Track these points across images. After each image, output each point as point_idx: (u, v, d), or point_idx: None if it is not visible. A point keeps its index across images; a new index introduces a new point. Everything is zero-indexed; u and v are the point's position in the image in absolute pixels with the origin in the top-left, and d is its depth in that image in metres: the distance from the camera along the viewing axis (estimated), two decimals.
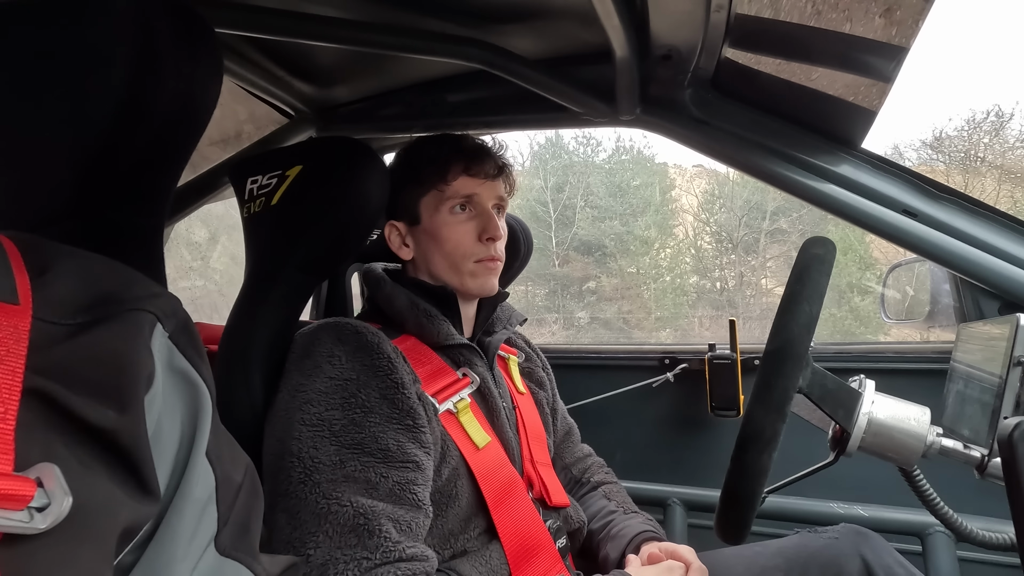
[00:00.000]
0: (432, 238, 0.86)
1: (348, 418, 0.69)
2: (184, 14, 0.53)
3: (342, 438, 0.67)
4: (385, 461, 0.67)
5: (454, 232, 0.85)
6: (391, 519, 0.64)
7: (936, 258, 0.90)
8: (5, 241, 0.34)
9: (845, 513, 1.16)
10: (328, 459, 0.66)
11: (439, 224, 0.85)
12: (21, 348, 0.29)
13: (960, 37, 21.81)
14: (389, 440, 0.68)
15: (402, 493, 0.66)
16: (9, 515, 0.26)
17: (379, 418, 0.69)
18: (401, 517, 0.65)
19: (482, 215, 0.86)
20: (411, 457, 0.69)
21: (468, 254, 0.85)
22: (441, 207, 0.85)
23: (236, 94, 1.12)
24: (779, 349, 0.60)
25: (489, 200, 0.87)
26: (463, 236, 0.85)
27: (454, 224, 0.85)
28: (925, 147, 11.78)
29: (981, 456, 0.61)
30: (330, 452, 0.66)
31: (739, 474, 0.60)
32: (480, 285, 0.86)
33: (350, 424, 0.68)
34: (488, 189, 0.86)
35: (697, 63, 0.91)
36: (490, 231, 0.84)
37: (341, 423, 0.68)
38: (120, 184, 0.53)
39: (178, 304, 0.39)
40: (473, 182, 0.85)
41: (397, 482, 0.67)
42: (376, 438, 0.68)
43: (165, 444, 0.36)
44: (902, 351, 1.24)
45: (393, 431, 0.69)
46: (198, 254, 4.75)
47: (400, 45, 0.90)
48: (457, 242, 0.85)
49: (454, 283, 0.86)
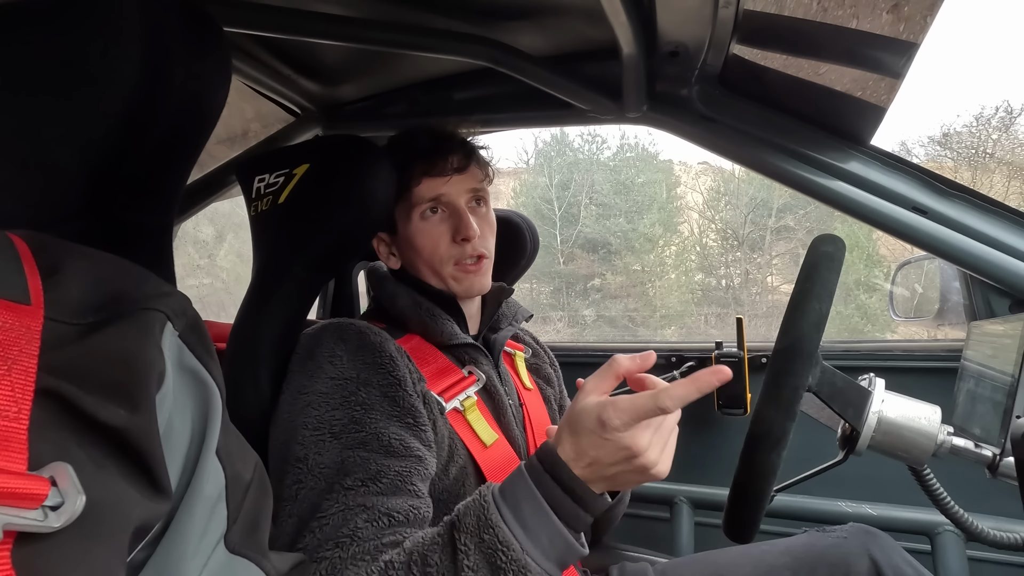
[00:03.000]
0: (410, 246, 0.84)
1: (349, 417, 0.68)
2: (193, 13, 0.53)
3: (343, 438, 0.67)
4: (387, 455, 0.67)
5: (428, 238, 0.83)
6: (393, 510, 0.63)
7: (946, 255, 0.89)
8: (17, 241, 0.34)
9: (853, 512, 1.16)
10: (331, 461, 0.65)
11: (413, 232, 0.83)
12: (33, 348, 0.29)
13: (969, 32, 21.60)
14: (391, 436, 0.68)
15: (403, 485, 0.65)
16: (24, 514, 0.26)
17: (379, 415, 0.69)
18: (399, 507, 0.64)
19: (454, 215, 0.83)
20: (413, 452, 0.68)
21: (445, 258, 0.83)
22: (412, 214, 0.83)
23: (243, 92, 1.12)
24: (789, 347, 0.60)
25: (460, 196, 0.83)
26: (437, 240, 0.82)
27: (426, 229, 0.83)
28: (933, 143, 11.70)
29: (993, 455, 0.61)
30: (333, 454, 0.66)
31: (748, 473, 0.60)
32: (466, 288, 0.84)
33: (351, 423, 0.68)
34: (455, 185, 0.83)
35: (704, 60, 0.90)
36: (463, 231, 0.81)
37: (342, 423, 0.68)
38: (130, 183, 0.54)
39: (188, 303, 0.39)
40: (436, 182, 0.82)
41: (398, 472, 0.66)
42: (378, 436, 0.67)
43: (176, 442, 0.36)
44: (911, 349, 1.23)
45: (395, 427, 0.69)
46: (205, 252, 4.78)
47: (406, 43, 0.90)
48: (432, 247, 0.83)
49: (442, 288, 0.85)
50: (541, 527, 0.55)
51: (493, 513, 0.55)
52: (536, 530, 0.55)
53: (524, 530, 0.54)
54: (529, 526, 0.55)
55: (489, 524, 0.54)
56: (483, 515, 0.55)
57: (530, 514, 0.55)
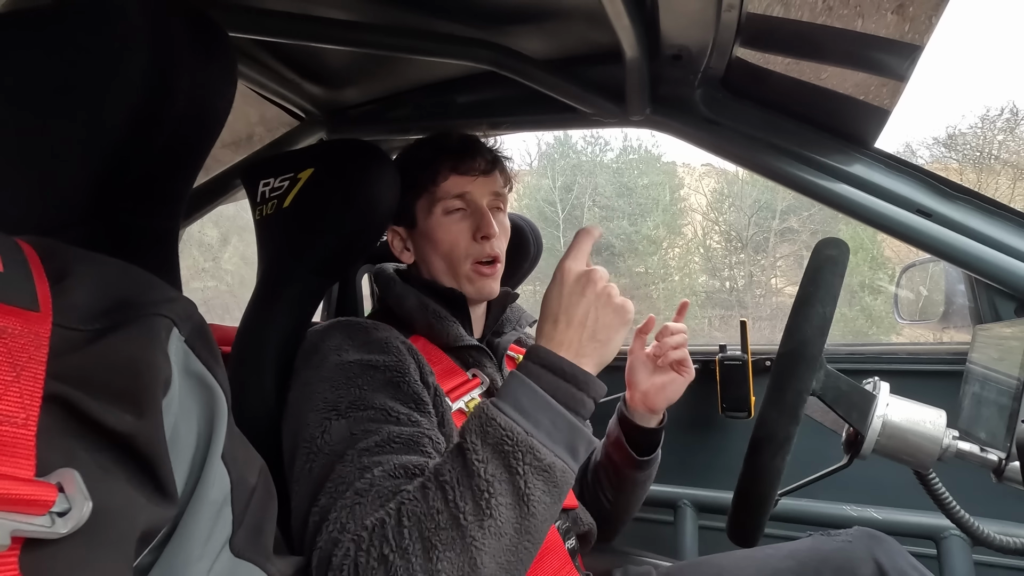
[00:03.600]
0: (428, 240, 0.85)
1: (353, 395, 0.68)
2: (199, 20, 0.54)
3: (349, 415, 0.66)
4: (396, 424, 0.66)
5: (448, 233, 0.84)
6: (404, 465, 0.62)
7: (951, 258, 0.88)
8: (26, 247, 0.35)
9: (858, 516, 1.15)
10: (339, 436, 0.65)
11: (433, 226, 0.85)
12: (42, 355, 0.29)
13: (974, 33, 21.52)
14: (398, 409, 0.67)
15: (415, 446, 0.64)
16: (31, 520, 0.26)
17: (385, 396, 0.68)
18: (414, 462, 0.62)
19: (476, 213, 0.85)
20: (421, 425, 0.67)
21: (464, 255, 0.84)
22: (434, 208, 0.84)
23: (247, 97, 1.13)
24: (792, 351, 0.60)
25: (483, 197, 0.85)
26: (458, 236, 0.84)
27: (448, 224, 0.84)
28: (938, 144, 11.66)
29: (998, 459, 0.60)
30: (341, 431, 0.65)
31: (752, 477, 0.60)
32: (478, 290, 0.85)
33: (356, 400, 0.67)
34: (480, 185, 0.85)
35: (708, 63, 0.90)
36: (484, 228, 0.83)
37: (347, 400, 0.67)
38: (135, 188, 0.54)
39: (193, 308, 0.40)
40: (463, 180, 0.84)
41: (409, 436, 0.65)
42: (385, 406, 0.67)
43: (182, 447, 0.36)
44: (916, 352, 1.22)
45: (400, 404, 0.68)
46: (210, 255, 4.80)
47: (409, 47, 0.91)
48: (452, 243, 0.84)
49: (453, 286, 0.85)
50: (540, 411, 0.56)
51: (491, 408, 0.56)
52: (535, 414, 0.55)
53: (523, 415, 0.55)
54: (528, 411, 0.55)
55: (490, 418, 0.55)
56: (483, 413, 0.56)
57: (527, 402, 0.56)
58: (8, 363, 0.28)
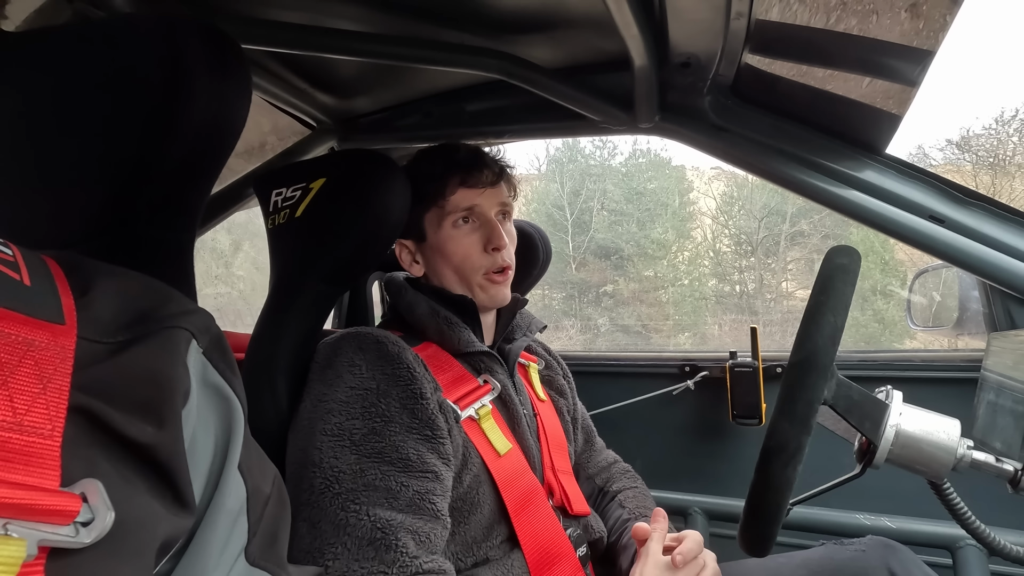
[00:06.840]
0: (439, 253, 0.87)
1: (368, 427, 0.70)
2: (213, 34, 0.54)
3: (362, 447, 0.68)
4: (405, 471, 0.68)
5: (459, 246, 0.85)
6: (409, 531, 0.65)
7: (965, 265, 0.88)
8: (50, 263, 0.35)
9: (872, 525, 1.14)
10: (348, 468, 0.67)
11: (444, 239, 0.86)
12: (67, 367, 0.30)
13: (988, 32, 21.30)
14: (409, 450, 0.69)
15: (421, 503, 0.67)
16: (56, 530, 0.27)
17: (399, 427, 0.70)
18: (420, 529, 0.66)
19: (485, 225, 0.86)
20: (431, 467, 0.69)
21: (476, 266, 0.85)
22: (444, 222, 0.85)
23: (260, 106, 1.14)
24: (803, 361, 0.59)
25: (491, 208, 0.87)
26: (469, 248, 0.85)
27: (459, 237, 0.85)
28: (951, 146, 11.52)
29: (1015, 470, 0.59)
30: (350, 461, 0.67)
31: (763, 487, 0.60)
32: (491, 297, 0.87)
33: (370, 433, 0.69)
34: (488, 198, 0.86)
35: (716, 70, 0.90)
36: (495, 241, 0.85)
37: (361, 432, 0.69)
38: (152, 201, 0.55)
39: (211, 320, 0.40)
40: (472, 193, 0.85)
41: (417, 491, 0.67)
42: (396, 447, 0.69)
43: (200, 457, 0.37)
44: (930, 359, 1.21)
45: (413, 440, 0.70)
46: (222, 261, 4.84)
47: (419, 57, 0.91)
48: (464, 255, 0.85)
49: (465, 293, 0.87)
50: None
51: None
52: None
53: None
54: None
55: None
56: None
57: None
58: (36, 375, 0.29)
